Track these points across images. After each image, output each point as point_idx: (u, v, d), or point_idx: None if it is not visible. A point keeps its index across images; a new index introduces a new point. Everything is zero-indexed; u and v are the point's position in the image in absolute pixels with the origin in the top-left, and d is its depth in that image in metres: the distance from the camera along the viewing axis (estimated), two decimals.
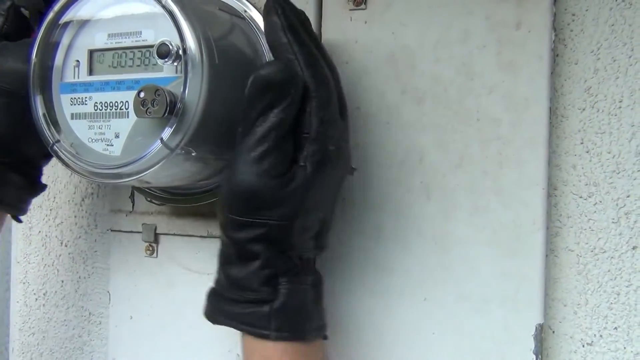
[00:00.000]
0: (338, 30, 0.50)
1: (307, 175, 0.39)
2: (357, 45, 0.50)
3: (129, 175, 0.43)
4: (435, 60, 0.47)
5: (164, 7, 0.41)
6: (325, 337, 0.44)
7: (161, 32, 0.43)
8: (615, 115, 0.45)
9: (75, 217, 0.65)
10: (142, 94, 0.41)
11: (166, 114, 0.40)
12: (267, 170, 0.39)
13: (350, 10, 0.50)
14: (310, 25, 0.43)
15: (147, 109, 0.41)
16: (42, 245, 0.67)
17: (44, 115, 0.46)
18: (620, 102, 0.44)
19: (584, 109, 0.45)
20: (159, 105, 0.40)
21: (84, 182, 0.65)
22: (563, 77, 0.46)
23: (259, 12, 0.51)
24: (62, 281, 0.66)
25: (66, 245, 0.66)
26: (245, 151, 0.39)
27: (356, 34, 0.50)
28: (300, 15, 0.42)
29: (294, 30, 0.40)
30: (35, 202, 0.67)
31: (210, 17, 0.45)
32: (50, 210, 0.67)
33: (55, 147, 0.45)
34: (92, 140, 0.45)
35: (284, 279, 0.40)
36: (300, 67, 0.39)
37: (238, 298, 0.41)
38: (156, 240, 0.57)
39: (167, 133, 0.41)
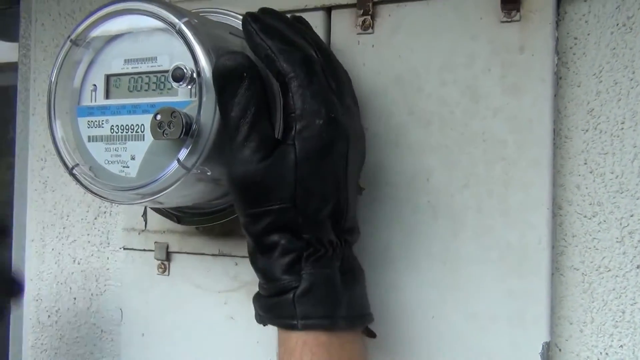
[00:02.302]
0: (346, 53, 0.52)
1: (297, 152, 0.39)
2: (365, 68, 0.51)
3: (147, 195, 0.44)
4: (441, 83, 0.49)
5: (178, 32, 0.43)
6: (370, 335, 0.44)
7: (176, 57, 0.44)
8: (618, 136, 0.46)
9: (88, 235, 0.67)
10: (158, 117, 0.42)
11: (182, 135, 0.41)
12: (250, 156, 0.39)
13: (358, 34, 0.51)
14: (299, 23, 0.46)
15: (163, 131, 0.42)
16: (55, 263, 0.69)
17: (62, 138, 0.47)
18: (623, 123, 0.45)
19: (587, 130, 0.47)
20: (175, 127, 0.41)
21: (96, 201, 0.66)
22: (566, 99, 0.47)
23: None
24: (75, 298, 0.67)
25: (79, 263, 0.67)
26: (227, 142, 0.40)
27: (364, 57, 0.51)
28: (279, 17, 0.44)
29: (266, 30, 0.42)
30: (49, 220, 0.69)
31: (222, 41, 0.47)
32: (64, 228, 0.68)
33: (74, 170, 0.46)
34: (108, 162, 0.46)
35: (306, 264, 0.39)
36: (274, 55, 0.40)
37: (269, 291, 0.41)
38: (168, 258, 0.58)
39: (183, 154, 0.42)
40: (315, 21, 0.52)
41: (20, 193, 0.74)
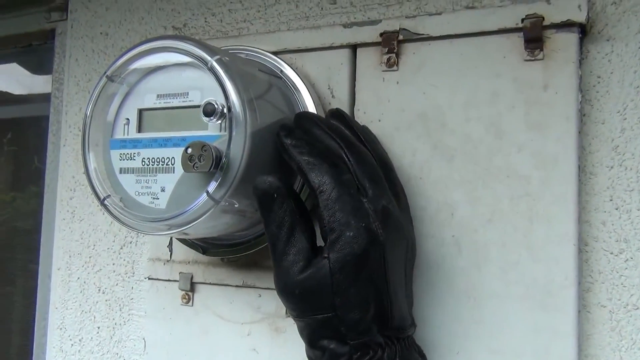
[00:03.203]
0: (371, 89, 0.53)
1: (330, 263, 0.40)
2: (389, 104, 0.52)
3: (175, 226, 0.45)
4: (465, 119, 0.49)
5: (210, 69, 0.44)
6: None
7: (207, 93, 0.46)
8: None
9: (113, 264, 0.68)
10: (189, 150, 0.43)
11: (212, 169, 0.43)
12: (286, 269, 0.42)
13: (383, 71, 0.52)
14: (334, 118, 0.49)
15: (194, 164, 0.43)
16: (80, 292, 0.70)
17: (95, 169, 0.49)
18: None
19: (612, 167, 0.47)
20: (205, 160, 0.43)
21: (123, 231, 0.67)
22: (590, 136, 0.47)
23: (294, 71, 0.54)
24: (98, 327, 0.68)
25: (103, 292, 0.68)
26: (271, 257, 0.43)
27: (388, 93, 0.52)
28: (311, 121, 0.46)
29: (296, 145, 0.44)
30: (75, 249, 0.70)
31: (251, 78, 0.48)
32: (90, 257, 0.69)
33: (105, 201, 0.47)
34: (138, 193, 0.48)
35: None
36: (304, 170, 0.43)
37: None
38: (192, 288, 0.59)
39: (212, 186, 0.43)
40: (341, 59, 0.54)
41: (48, 222, 0.75)
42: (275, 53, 0.56)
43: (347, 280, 0.40)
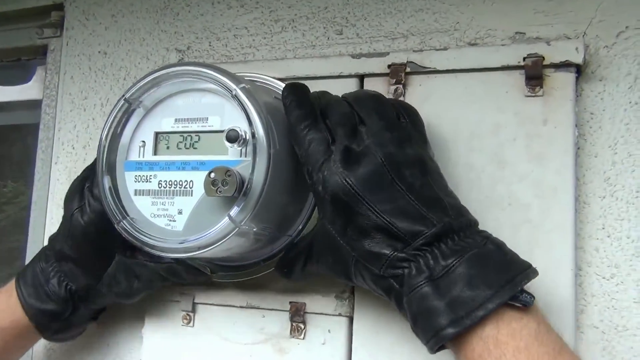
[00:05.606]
0: None
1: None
2: None
3: (195, 249, 0.45)
4: (469, 149, 0.52)
5: (234, 97, 0.46)
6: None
7: (227, 119, 0.47)
8: (633, 204, 0.49)
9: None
10: (212, 175, 0.44)
11: (235, 193, 0.44)
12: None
13: None
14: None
15: (217, 189, 0.44)
16: None
17: (110, 190, 0.49)
18: (637, 192, 0.49)
19: (604, 197, 0.50)
20: (229, 185, 0.44)
21: None
22: (584, 168, 0.51)
23: None
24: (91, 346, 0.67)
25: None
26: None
27: None
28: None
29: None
30: None
31: (270, 106, 0.50)
32: None
33: (121, 224, 0.48)
34: (154, 215, 0.48)
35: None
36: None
37: None
38: (194, 309, 0.59)
39: (235, 211, 0.44)
40: (349, 88, 0.56)
41: (35, 239, 0.74)
42: (282, 80, 0.57)
43: None
